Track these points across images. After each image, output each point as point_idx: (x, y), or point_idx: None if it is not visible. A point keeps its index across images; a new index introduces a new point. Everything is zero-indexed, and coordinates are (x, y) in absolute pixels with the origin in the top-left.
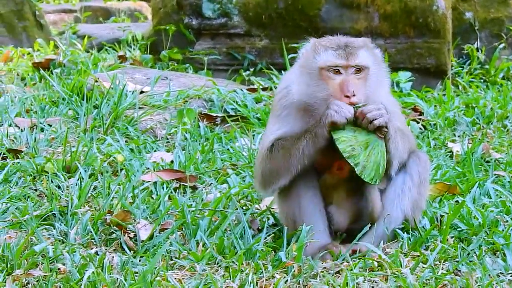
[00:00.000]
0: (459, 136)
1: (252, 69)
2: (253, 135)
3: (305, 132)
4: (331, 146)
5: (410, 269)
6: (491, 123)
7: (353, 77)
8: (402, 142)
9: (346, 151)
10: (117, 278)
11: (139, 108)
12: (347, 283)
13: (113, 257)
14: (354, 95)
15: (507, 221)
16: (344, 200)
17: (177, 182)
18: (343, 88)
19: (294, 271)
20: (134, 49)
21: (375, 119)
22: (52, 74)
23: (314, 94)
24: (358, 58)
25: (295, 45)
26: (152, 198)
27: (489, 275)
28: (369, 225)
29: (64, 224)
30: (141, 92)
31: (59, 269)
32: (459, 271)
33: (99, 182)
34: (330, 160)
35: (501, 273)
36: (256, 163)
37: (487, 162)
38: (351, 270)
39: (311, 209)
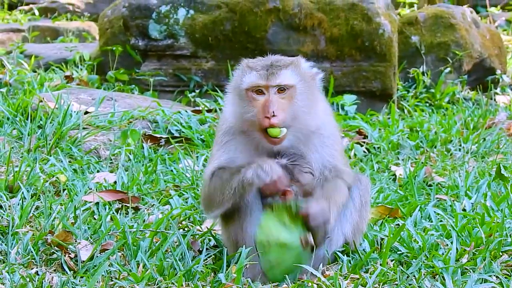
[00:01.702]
0: (402, 160)
1: (198, 91)
2: (197, 156)
3: (238, 173)
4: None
5: None
6: (435, 147)
7: (276, 97)
8: (337, 207)
9: (260, 243)
10: None
11: (83, 128)
12: None
13: (52, 277)
14: (274, 115)
15: (447, 244)
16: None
17: (120, 203)
18: (265, 109)
19: None
20: (81, 69)
21: (316, 222)
22: None
23: (243, 116)
24: (280, 77)
25: None
26: (94, 218)
27: None
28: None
29: (5, 244)
30: (86, 112)
31: None
32: None
33: (41, 202)
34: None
35: None
36: (201, 186)
37: (429, 185)
38: None
39: (254, 231)
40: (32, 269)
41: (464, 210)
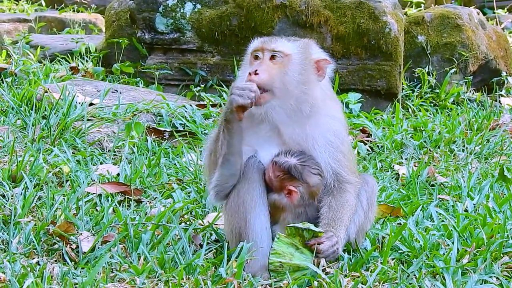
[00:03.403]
0: (405, 159)
1: (203, 85)
2: (200, 150)
3: (220, 122)
4: (285, 172)
5: None
6: (438, 147)
7: (268, 62)
8: (346, 228)
9: (273, 264)
10: None
11: (88, 120)
12: None
13: (53, 267)
14: (256, 74)
15: (448, 244)
16: (290, 223)
17: (122, 195)
18: (253, 68)
19: None
20: (86, 61)
21: (325, 255)
22: (3, 83)
23: (243, 78)
24: (275, 43)
25: None
26: (96, 210)
27: None
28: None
29: (7, 233)
30: (91, 104)
31: None
32: None
33: (44, 192)
34: (281, 183)
35: None
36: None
37: (432, 185)
38: None
39: (258, 226)
40: (33, 259)
41: (466, 210)
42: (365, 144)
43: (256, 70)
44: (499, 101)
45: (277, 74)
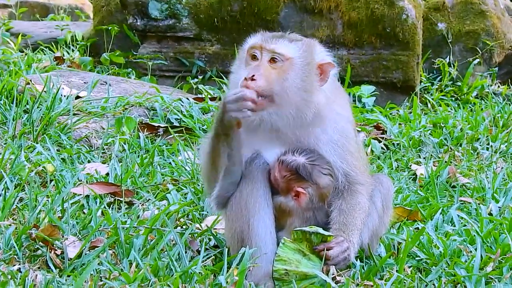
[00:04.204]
0: (424, 158)
1: (201, 77)
2: (198, 148)
3: (215, 134)
4: (293, 172)
5: None
6: (460, 145)
7: (267, 65)
8: (359, 233)
9: (278, 272)
10: None
11: (74, 114)
12: None
13: (36, 275)
14: (253, 79)
15: (470, 251)
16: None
17: (112, 197)
18: (248, 72)
19: None
20: (73, 50)
21: (335, 262)
22: None
23: (237, 79)
24: (276, 44)
25: None
26: (83, 213)
27: None
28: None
29: None
30: (77, 97)
31: None
32: None
33: (25, 193)
34: (288, 184)
35: None
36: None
37: (453, 187)
38: None
39: (262, 230)
40: (14, 265)
41: (490, 214)
42: (380, 141)
43: (253, 76)
44: None
45: (276, 80)
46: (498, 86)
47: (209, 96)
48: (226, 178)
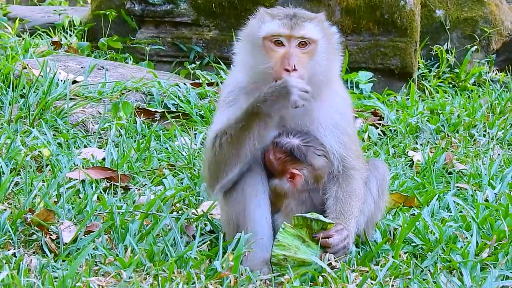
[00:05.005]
0: (421, 145)
1: (198, 62)
2: (195, 133)
3: (255, 113)
4: (288, 153)
5: (356, 285)
6: (457, 132)
7: (297, 51)
8: (356, 220)
9: (277, 257)
10: (34, 283)
11: (70, 99)
12: None
13: (31, 259)
14: (295, 69)
15: (466, 237)
16: (293, 210)
17: (108, 182)
18: (284, 61)
19: (230, 283)
20: (70, 35)
21: (335, 251)
22: None
23: (256, 67)
24: (304, 29)
25: None
26: (79, 197)
27: None
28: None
29: None
30: (74, 82)
31: None
32: None
33: (21, 177)
34: (283, 166)
35: None
36: (204, 159)
37: (450, 173)
38: (292, 283)
39: (258, 215)
40: (9, 250)
41: (486, 200)
42: (377, 128)
43: (295, 65)
44: None
45: (308, 65)
46: (496, 73)
47: (206, 81)
48: (240, 165)
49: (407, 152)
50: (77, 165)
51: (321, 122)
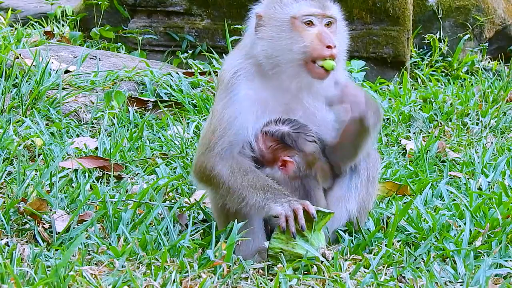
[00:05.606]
0: (414, 133)
1: (191, 52)
2: (188, 122)
3: (272, 189)
4: (278, 141)
5: (350, 273)
6: (450, 120)
7: (327, 30)
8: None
9: (274, 250)
10: (27, 272)
11: (63, 88)
12: (279, 286)
13: (24, 249)
14: (335, 46)
15: (459, 225)
16: None
17: (101, 171)
18: (323, 38)
19: (223, 271)
20: (62, 25)
21: (358, 109)
22: None
23: (287, 48)
24: (332, 9)
25: (239, 26)
26: (72, 187)
27: (436, 283)
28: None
29: None
30: (66, 71)
31: None
32: (404, 277)
33: (14, 167)
34: (274, 155)
35: (449, 281)
36: (197, 152)
37: (443, 162)
38: (285, 272)
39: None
40: (2, 239)
41: (479, 189)
42: None
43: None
44: None
45: (337, 43)
46: (488, 62)
47: (199, 70)
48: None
49: (400, 140)
50: (70, 155)
51: (318, 108)
